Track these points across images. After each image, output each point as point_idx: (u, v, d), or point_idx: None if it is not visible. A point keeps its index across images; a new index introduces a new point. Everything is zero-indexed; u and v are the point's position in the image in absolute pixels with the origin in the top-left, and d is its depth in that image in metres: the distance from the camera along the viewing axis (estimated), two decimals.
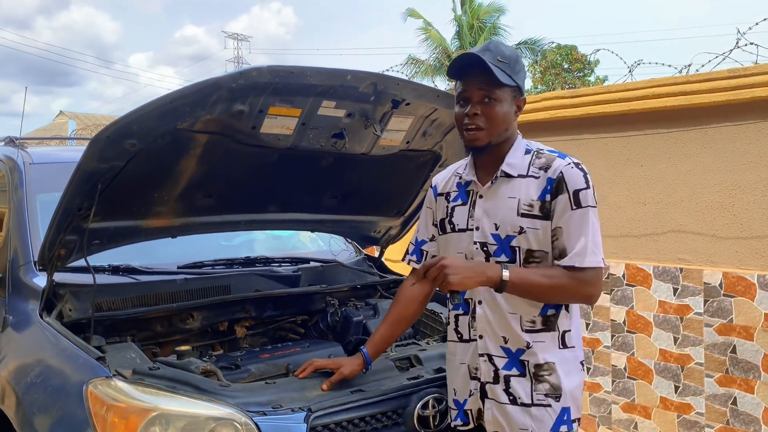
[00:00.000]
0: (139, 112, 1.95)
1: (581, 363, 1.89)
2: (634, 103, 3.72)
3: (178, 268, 2.68)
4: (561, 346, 1.83)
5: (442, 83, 19.17)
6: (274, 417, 1.81)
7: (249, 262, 2.94)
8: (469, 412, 1.91)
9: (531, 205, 1.80)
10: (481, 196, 1.88)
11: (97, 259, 2.40)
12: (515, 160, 1.85)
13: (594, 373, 3.93)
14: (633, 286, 3.73)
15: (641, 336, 3.70)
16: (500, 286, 1.73)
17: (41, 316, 2.21)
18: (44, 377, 2.01)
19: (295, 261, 3.08)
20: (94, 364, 1.90)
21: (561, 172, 1.78)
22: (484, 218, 1.86)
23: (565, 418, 1.82)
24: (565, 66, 23.16)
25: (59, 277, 2.31)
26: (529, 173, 1.83)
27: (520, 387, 1.81)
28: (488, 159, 1.88)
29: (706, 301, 3.43)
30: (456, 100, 1.88)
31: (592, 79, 22.86)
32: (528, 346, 1.81)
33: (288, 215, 2.83)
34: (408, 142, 2.59)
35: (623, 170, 3.85)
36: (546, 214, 1.79)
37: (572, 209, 1.77)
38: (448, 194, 1.99)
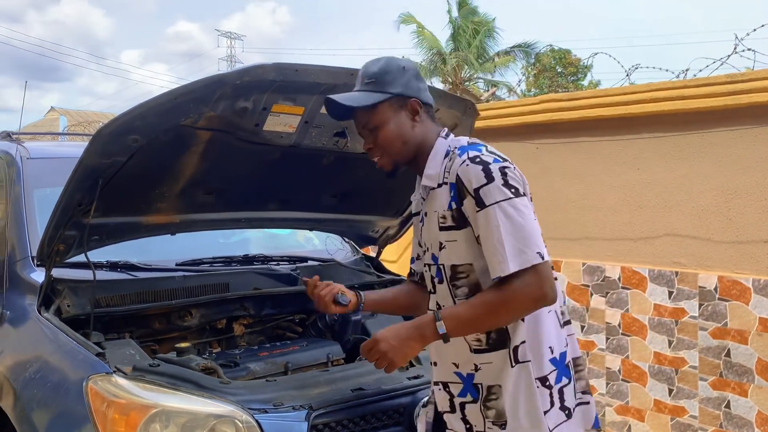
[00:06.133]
0: (143, 108, 1.94)
1: (541, 380, 1.63)
2: (632, 107, 3.74)
3: (177, 265, 2.67)
4: (513, 364, 1.62)
5: (437, 85, 19.22)
6: (275, 415, 1.81)
7: (247, 260, 2.93)
8: None
9: (444, 217, 1.66)
10: (426, 214, 1.77)
11: (95, 256, 2.38)
12: (433, 170, 1.71)
13: (588, 375, 3.94)
14: (628, 289, 3.75)
15: (636, 339, 3.71)
16: (443, 339, 1.59)
17: (39, 312, 2.20)
18: (43, 373, 2.00)
19: (293, 260, 3.07)
20: (93, 360, 1.89)
21: (457, 175, 1.61)
22: (426, 238, 1.76)
23: None
24: (559, 70, 23.27)
25: (57, 272, 2.29)
26: (444, 180, 1.67)
27: (473, 414, 1.66)
28: (419, 175, 1.78)
29: (701, 305, 3.45)
30: None
31: (585, 83, 22.98)
32: (476, 369, 1.66)
33: (287, 213, 2.82)
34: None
35: (620, 173, 3.87)
36: (460, 222, 1.63)
37: (477, 212, 1.58)
38: (418, 213, 1.87)
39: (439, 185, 1.68)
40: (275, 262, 2.98)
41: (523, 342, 1.62)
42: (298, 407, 1.85)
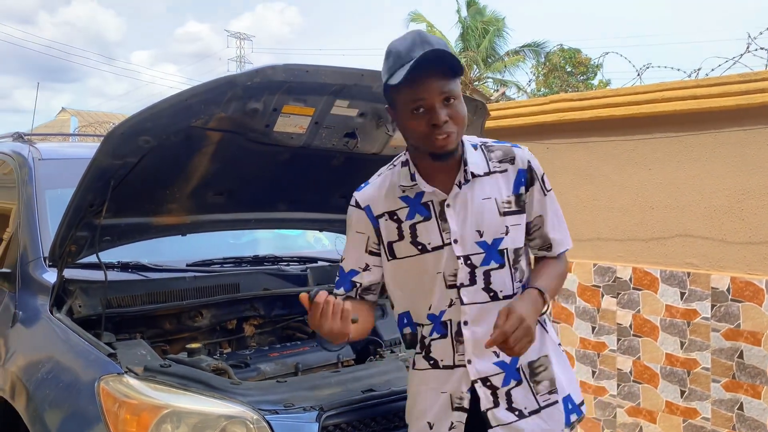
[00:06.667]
0: (154, 109, 1.95)
1: (559, 344, 1.83)
2: (643, 107, 3.71)
3: (188, 265, 2.68)
4: (547, 332, 1.76)
5: None
6: (286, 416, 1.82)
7: (258, 260, 2.94)
8: None
9: (509, 202, 1.69)
10: (448, 205, 1.66)
11: (107, 256, 2.40)
12: (474, 158, 1.69)
13: (599, 376, 3.92)
14: (640, 290, 3.73)
15: (647, 340, 3.69)
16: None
17: (51, 312, 2.21)
18: (55, 373, 2.01)
19: (303, 260, 3.08)
20: (105, 361, 1.91)
21: (528, 161, 1.73)
22: (462, 228, 1.66)
23: (570, 406, 1.74)
24: (569, 69, 23.18)
25: (68, 273, 2.31)
26: (492, 169, 1.70)
27: (522, 397, 1.67)
28: (442, 164, 1.65)
29: (713, 306, 3.43)
30: (409, 109, 1.57)
31: (595, 82, 22.87)
32: None
33: (297, 214, 2.83)
34: None
35: (631, 174, 3.85)
36: (522, 207, 1.71)
37: (545, 195, 1.75)
38: (393, 213, 1.71)
39: (486, 174, 1.70)
40: (285, 263, 2.99)
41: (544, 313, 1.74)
42: (309, 408, 1.85)
